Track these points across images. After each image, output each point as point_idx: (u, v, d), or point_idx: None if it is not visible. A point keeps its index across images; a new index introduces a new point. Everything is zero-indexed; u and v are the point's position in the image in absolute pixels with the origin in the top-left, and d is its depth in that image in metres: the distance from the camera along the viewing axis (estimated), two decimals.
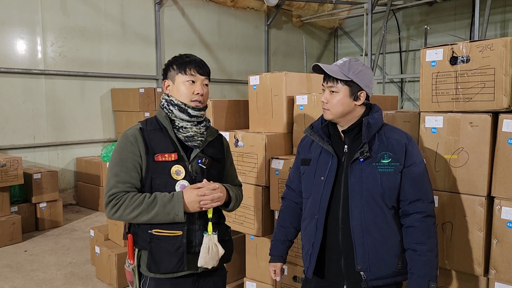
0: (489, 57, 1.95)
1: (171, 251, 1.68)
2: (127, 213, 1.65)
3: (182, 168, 1.72)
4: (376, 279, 1.70)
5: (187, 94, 1.74)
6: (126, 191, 1.68)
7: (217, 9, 8.44)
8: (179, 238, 1.69)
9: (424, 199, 1.71)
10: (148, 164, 1.70)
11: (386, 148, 1.70)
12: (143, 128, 1.75)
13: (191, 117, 1.74)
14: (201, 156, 1.77)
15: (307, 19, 10.01)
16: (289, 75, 2.73)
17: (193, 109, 1.74)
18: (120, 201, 1.66)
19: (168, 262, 1.68)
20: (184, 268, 1.70)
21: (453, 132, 2.04)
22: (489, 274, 1.99)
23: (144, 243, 1.71)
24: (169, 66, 1.79)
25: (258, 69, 9.28)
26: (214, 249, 1.72)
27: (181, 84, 1.75)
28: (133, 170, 1.69)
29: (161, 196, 1.67)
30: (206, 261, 1.71)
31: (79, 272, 3.91)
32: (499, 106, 1.93)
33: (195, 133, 1.75)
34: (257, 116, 2.90)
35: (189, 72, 1.74)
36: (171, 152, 1.71)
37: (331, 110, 1.73)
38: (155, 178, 1.70)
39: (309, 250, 1.79)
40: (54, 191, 5.27)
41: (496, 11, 8.19)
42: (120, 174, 1.68)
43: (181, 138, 1.74)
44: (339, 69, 1.70)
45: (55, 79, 6.24)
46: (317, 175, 1.77)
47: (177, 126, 1.75)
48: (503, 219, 1.92)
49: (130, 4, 7.04)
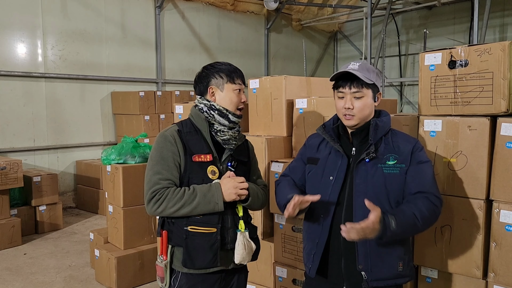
0: (487, 61, 1.96)
1: (206, 248, 1.75)
2: (170, 206, 1.73)
3: (216, 168, 1.83)
4: (377, 280, 1.70)
5: (236, 102, 1.86)
6: (167, 187, 1.76)
7: (217, 12, 8.47)
8: (213, 235, 1.76)
9: (427, 192, 1.66)
10: (186, 164, 1.79)
11: (392, 150, 1.71)
12: (181, 130, 1.84)
13: (230, 122, 1.85)
14: (230, 159, 1.87)
15: (307, 23, 10.04)
16: (289, 78, 2.75)
17: (234, 115, 1.86)
18: (163, 196, 1.74)
19: (203, 258, 1.76)
20: (218, 264, 1.77)
21: (452, 136, 2.05)
22: (488, 277, 2.00)
23: (179, 240, 1.79)
24: (215, 73, 1.86)
25: (258, 73, 9.30)
26: (249, 245, 1.81)
27: (231, 93, 1.85)
28: (174, 168, 1.79)
29: (199, 187, 1.76)
30: (244, 257, 1.79)
31: (78, 275, 3.91)
32: (497, 109, 1.94)
33: (230, 137, 1.86)
34: (257, 119, 2.91)
35: (237, 82, 1.86)
36: (207, 154, 1.81)
37: (358, 115, 1.72)
38: (193, 178, 1.79)
39: (313, 249, 1.79)
40: (54, 194, 5.27)
41: (495, 15, 8.22)
42: (162, 171, 1.77)
43: (219, 141, 1.85)
44: (362, 74, 1.69)
45: (56, 82, 6.26)
46: (326, 174, 1.78)
47: (215, 130, 1.85)
48: (502, 222, 1.93)
49: (130, 7, 7.07)
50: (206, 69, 1.89)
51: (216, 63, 1.90)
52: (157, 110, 6.60)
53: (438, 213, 1.69)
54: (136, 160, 3.71)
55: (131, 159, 3.71)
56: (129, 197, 3.60)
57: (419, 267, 2.22)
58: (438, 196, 1.69)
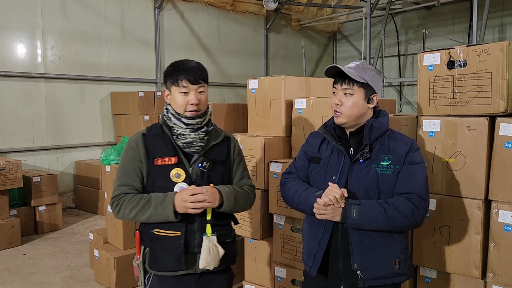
0: (486, 61, 1.96)
1: (169, 251, 1.75)
2: (126, 213, 1.77)
3: (183, 171, 1.78)
4: (373, 279, 1.70)
5: (182, 105, 1.77)
6: (126, 193, 1.79)
7: (216, 13, 8.47)
8: (177, 239, 1.75)
9: (414, 193, 1.66)
10: (149, 168, 1.79)
11: (386, 151, 1.72)
12: (145, 134, 1.84)
13: (187, 125, 1.79)
14: (202, 160, 1.81)
15: (306, 23, 10.04)
16: (288, 79, 2.75)
17: (187, 118, 1.78)
18: (120, 202, 1.78)
19: (167, 261, 1.76)
20: (182, 267, 1.76)
21: (451, 136, 2.05)
22: (486, 277, 2.00)
23: (147, 241, 1.81)
24: (166, 76, 1.82)
25: (257, 73, 9.30)
26: (215, 250, 1.76)
27: (176, 96, 1.78)
28: (134, 174, 1.80)
29: (155, 197, 1.75)
30: (208, 262, 1.75)
31: (78, 275, 3.90)
32: (496, 110, 1.95)
33: (193, 139, 1.80)
34: (256, 119, 2.91)
35: (181, 84, 1.76)
36: (171, 156, 1.78)
37: (345, 113, 1.73)
38: (156, 181, 1.79)
39: (314, 248, 1.79)
40: (53, 194, 5.27)
41: (494, 15, 8.23)
42: (121, 177, 1.81)
43: (179, 145, 1.80)
44: (355, 72, 1.71)
45: (55, 82, 6.25)
46: (329, 174, 1.78)
47: (176, 133, 1.81)
48: (500, 222, 1.93)
49: (130, 8, 7.07)
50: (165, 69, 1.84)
51: (170, 64, 1.83)
52: (157, 110, 6.60)
53: (419, 215, 1.66)
54: None
55: None
56: None
57: (418, 267, 2.23)
58: (424, 198, 1.68)
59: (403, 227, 1.70)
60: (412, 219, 1.65)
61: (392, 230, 1.68)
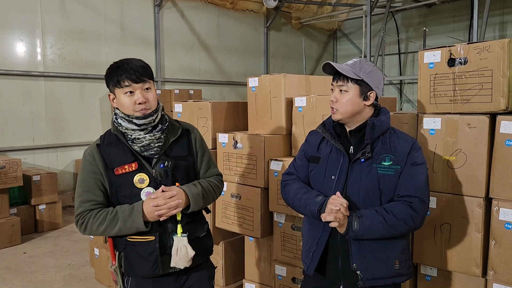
0: (486, 59, 1.96)
1: (144, 256, 1.71)
2: (94, 229, 1.69)
3: (146, 175, 1.71)
4: (373, 279, 1.70)
5: (129, 106, 1.68)
6: (90, 209, 1.71)
7: (216, 11, 8.46)
8: (152, 243, 1.71)
9: (415, 196, 1.66)
10: (110, 179, 1.71)
11: (388, 151, 1.70)
12: (100, 144, 1.75)
13: (139, 126, 1.70)
14: (163, 160, 1.73)
15: (306, 21, 10.03)
16: (288, 77, 2.74)
17: (137, 118, 1.69)
18: (85, 220, 1.70)
19: (143, 267, 1.72)
20: (160, 271, 1.72)
21: (451, 134, 2.04)
22: (487, 275, 2.00)
23: (121, 248, 1.76)
24: (106, 80, 1.72)
25: (257, 71, 9.30)
26: (183, 250, 1.72)
27: (122, 97, 1.69)
28: (95, 188, 1.72)
29: (121, 211, 1.68)
30: (176, 262, 1.72)
31: (78, 274, 3.91)
32: (497, 107, 1.94)
33: (150, 141, 1.72)
34: (256, 117, 2.90)
35: (123, 84, 1.67)
36: (131, 162, 1.70)
37: (340, 110, 1.72)
38: (120, 191, 1.71)
39: (313, 247, 1.79)
40: (53, 193, 5.27)
41: (494, 13, 8.21)
42: (83, 194, 1.72)
43: (136, 150, 1.71)
44: (350, 68, 1.71)
45: (55, 81, 6.25)
46: (328, 173, 1.77)
47: (130, 138, 1.72)
48: (501, 220, 1.93)
49: (129, 6, 7.06)
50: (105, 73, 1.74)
51: (108, 68, 1.71)
52: None
53: (418, 220, 1.66)
54: None
55: None
56: None
57: (419, 265, 2.22)
58: (424, 200, 1.68)
59: (403, 233, 1.70)
60: (412, 225, 1.66)
61: (392, 236, 1.68)
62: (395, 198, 1.69)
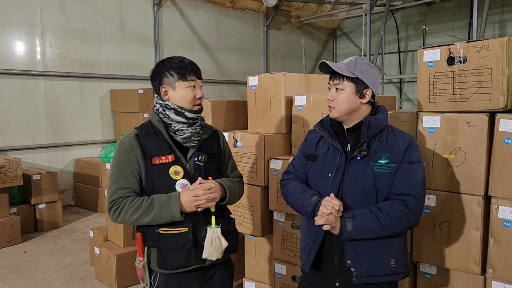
0: (485, 58, 1.96)
1: (178, 248, 1.75)
2: (127, 217, 1.73)
3: (180, 168, 1.78)
4: (367, 276, 1.70)
5: (191, 100, 1.78)
6: (125, 196, 1.75)
7: (216, 10, 8.45)
8: (185, 235, 1.75)
9: (410, 194, 1.66)
10: (147, 168, 1.76)
11: (385, 149, 1.71)
12: (138, 134, 1.81)
13: (188, 119, 1.79)
14: (197, 154, 1.81)
15: (306, 19, 10.02)
16: (288, 75, 2.74)
17: (190, 112, 1.79)
18: (120, 206, 1.74)
19: (176, 259, 1.75)
20: (193, 262, 1.77)
21: (451, 132, 2.05)
22: (486, 273, 2.00)
23: (153, 242, 1.78)
24: (166, 72, 1.78)
25: (257, 70, 9.29)
26: (217, 241, 1.78)
27: (183, 90, 1.78)
28: (131, 176, 1.76)
29: (158, 199, 1.73)
30: (210, 252, 1.76)
31: (78, 273, 3.91)
32: (496, 106, 1.94)
33: (191, 134, 1.80)
34: (256, 116, 2.91)
35: (189, 78, 1.78)
36: (168, 154, 1.77)
37: (337, 108, 1.74)
38: (155, 181, 1.76)
39: (309, 244, 1.80)
40: (53, 192, 5.27)
41: (494, 11, 8.21)
42: (118, 181, 1.76)
43: (178, 141, 1.79)
44: (345, 67, 1.72)
45: (54, 80, 6.24)
46: (325, 171, 1.78)
47: (173, 129, 1.79)
48: (500, 218, 1.93)
49: (129, 5, 7.05)
50: (158, 66, 1.82)
51: (167, 60, 1.81)
52: None
53: (413, 219, 1.67)
54: None
55: None
56: None
57: (418, 263, 2.23)
58: (420, 198, 1.68)
59: (398, 232, 1.71)
60: (406, 223, 1.67)
61: (388, 235, 1.69)
62: (390, 196, 1.70)
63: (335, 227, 1.65)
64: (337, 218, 1.65)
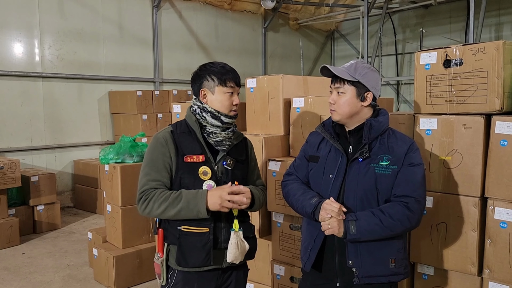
0: (481, 60, 1.98)
1: (198, 247, 1.78)
2: (155, 208, 1.76)
3: (209, 169, 1.82)
4: (368, 277, 1.72)
5: (228, 105, 1.84)
6: (155, 188, 1.79)
7: (214, 12, 8.47)
8: (206, 235, 1.78)
9: (411, 196, 1.69)
10: (178, 164, 1.81)
11: (386, 151, 1.73)
12: (174, 131, 1.86)
13: (223, 123, 1.84)
14: (226, 158, 1.86)
15: (304, 22, 10.06)
16: (286, 77, 2.76)
17: (226, 117, 1.84)
18: (149, 197, 1.77)
19: (196, 257, 1.78)
20: (211, 263, 1.80)
21: (447, 134, 2.07)
22: (483, 274, 2.02)
23: (174, 239, 1.81)
24: (207, 75, 1.84)
25: (255, 72, 9.31)
26: (242, 244, 1.82)
27: (222, 95, 1.83)
28: (163, 170, 1.81)
29: (186, 193, 1.77)
30: (236, 256, 1.80)
31: (77, 274, 3.91)
32: (492, 108, 1.96)
33: (224, 138, 1.85)
34: (254, 118, 2.92)
35: (229, 84, 1.83)
36: (199, 154, 1.82)
37: (338, 111, 1.76)
38: (184, 178, 1.81)
39: (310, 244, 1.82)
40: (52, 193, 5.27)
41: (490, 14, 8.26)
42: (150, 173, 1.81)
43: (211, 143, 1.84)
44: (346, 71, 1.75)
45: (53, 81, 6.25)
46: (326, 172, 1.80)
47: (208, 132, 1.85)
48: (496, 219, 1.95)
49: (127, 7, 7.07)
50: (200, 69, 1.88)
51: (209, 64, 1.88)
52: (155, 109, 6.61)
53: (414, 220, 1.70)
54: (134, 160, 3.72)
55: (129, 158, 3.72)
56: (127, 196, 3.61)
57: (415, 264, 2.25)
58: (420, 201, 1.71)
59: (400, 233, 1.74)
60: (408, 225, 1.69)
61: (390, 237, 1.71)
62: (391, 198, 1.72)
63: (339, 230, 1.67)
64: (340, 221, 1.67)
